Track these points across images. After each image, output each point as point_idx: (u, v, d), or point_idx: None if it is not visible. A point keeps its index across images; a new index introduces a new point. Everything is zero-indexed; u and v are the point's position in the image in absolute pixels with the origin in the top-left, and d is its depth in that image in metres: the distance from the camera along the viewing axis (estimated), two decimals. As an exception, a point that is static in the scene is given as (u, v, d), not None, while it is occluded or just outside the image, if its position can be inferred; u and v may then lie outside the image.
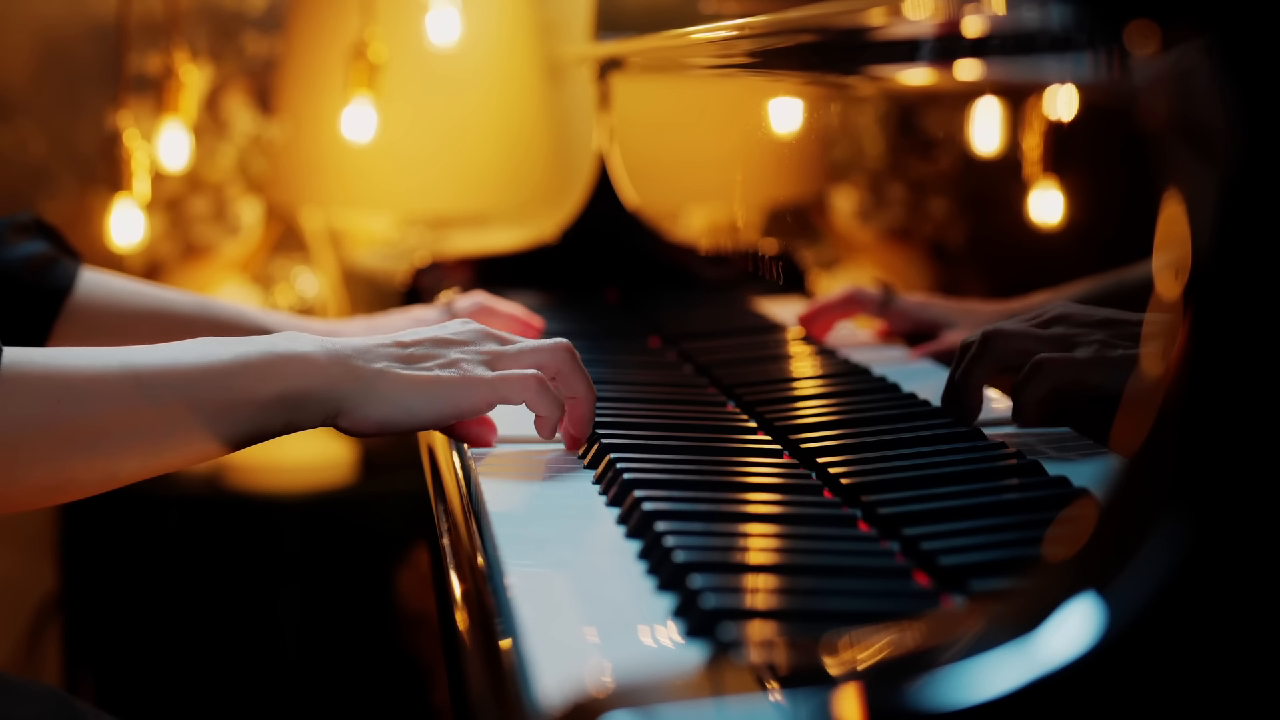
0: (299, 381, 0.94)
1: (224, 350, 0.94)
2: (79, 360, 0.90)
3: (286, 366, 0.94)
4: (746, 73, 1.35)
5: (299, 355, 0.94)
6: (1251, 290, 0.52)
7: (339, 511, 2.24)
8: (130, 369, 0.91)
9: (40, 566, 2.35)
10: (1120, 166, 0.93)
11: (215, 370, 0.92)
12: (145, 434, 0.91)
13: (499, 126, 2.23)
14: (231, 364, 0.93)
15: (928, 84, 1.13)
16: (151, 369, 0.91)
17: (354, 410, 0.95)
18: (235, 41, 2.41)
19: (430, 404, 0.96)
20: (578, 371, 1.01)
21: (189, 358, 0.92)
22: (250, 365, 0.93)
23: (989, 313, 1.14)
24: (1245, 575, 0.51)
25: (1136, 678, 0.50)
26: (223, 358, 0.93)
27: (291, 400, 0.94)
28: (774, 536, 0.85)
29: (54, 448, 0.88)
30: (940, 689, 0.51)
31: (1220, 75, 0.53)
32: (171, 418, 0.91)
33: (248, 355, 0.94)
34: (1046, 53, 0.79)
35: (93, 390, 0.89)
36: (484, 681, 0.68)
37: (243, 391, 0.93)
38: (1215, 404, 0.52)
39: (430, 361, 0.98)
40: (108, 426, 0.89)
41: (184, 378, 0.92)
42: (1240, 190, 0.53)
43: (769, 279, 1.52)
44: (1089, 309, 0.99)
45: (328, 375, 0.95)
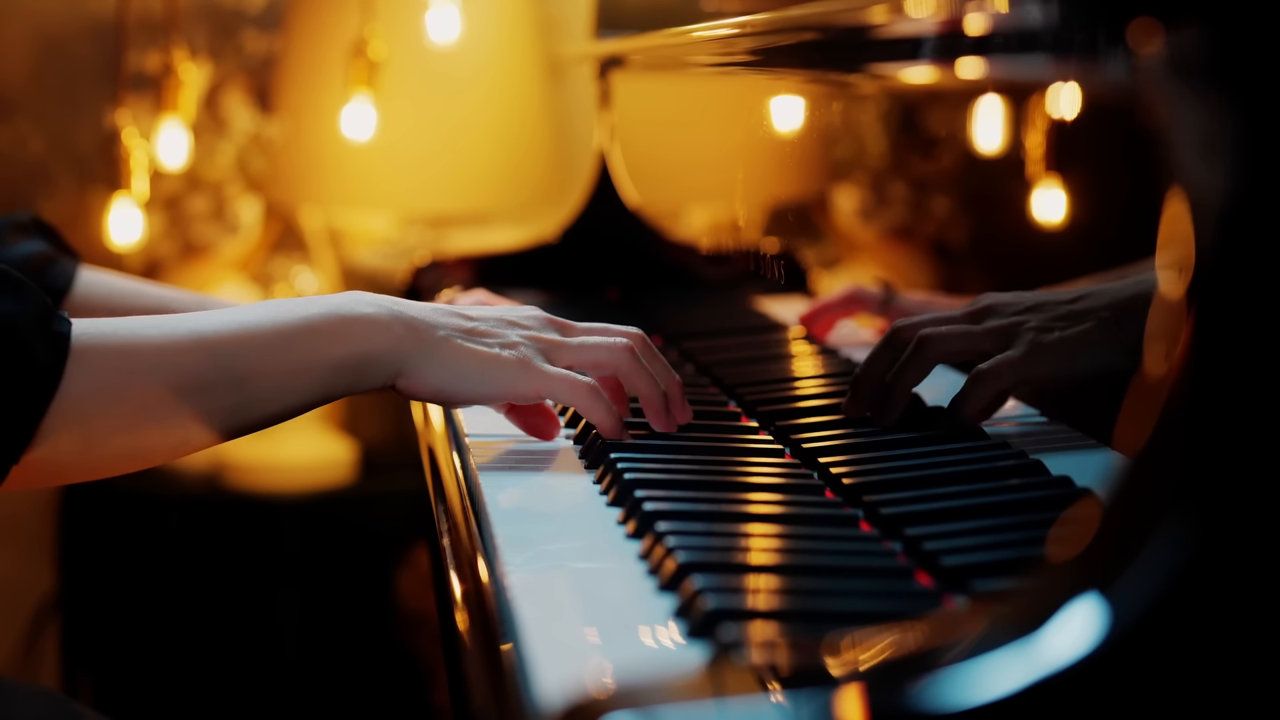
0: (365, 344, 0.95)
1: (289, 313, 0.94)
2: (147, 330, 0.91)
3: (353, 328, 0.94)
4: (748, 71, 1.35)
5: (364, 317, 0.95)
6: (1255, 289, 0.52)
7: (339, 511, 2.24)
8: (198, 336, 0.91)
9: (39, 567, 2.35)
10: (1123, 165, 0.93)
11: (282, 333, 0.93)
12: (216, 400, 0.91)
13: (499, 125, 2.23)
14: (299, 326, 0.93)
15: (930, 82, 1.13)
16: (219, 335, 0.92)
17: (414, 372, 0.96)
18: (234, 39, 2.41)
19: (485, 380, 0.97)
20: (640, 371, 1.01)
21: (255, 321, 0.93)
22: (316, 328, 0.94)
23: None
24: (1249, 576, 0.51)
25: (1140, 679, 0.50)
26: (289, 320, 0.93)
27: (357, 362, 0.95)
28: (776, 537, 0.84)
29: (127, 418, 0.89)
30: (943, 690, 0.51)
31: (1223, 73, 0.53)
32: (241, 382, 0.92)
33: (313, 317, 0.94)
34: (1049, 51, 0.79)
35: (162, 359, 0.90)
36: (484, 682, 0.68)
37: (311, 354, 0.93)
38: (1219, 403, 0.52)
39: (492, 339, 0.98)
40: (179, 394, 0.90)
41: (250, 342, 0.92)
42: (1243, 189, 0.52)
43: (770, 278, 1.52)
44: (1017, 295, 1.00)
45: (392, 336, 0.95)
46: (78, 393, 0.87)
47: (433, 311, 0.98)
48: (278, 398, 0.93)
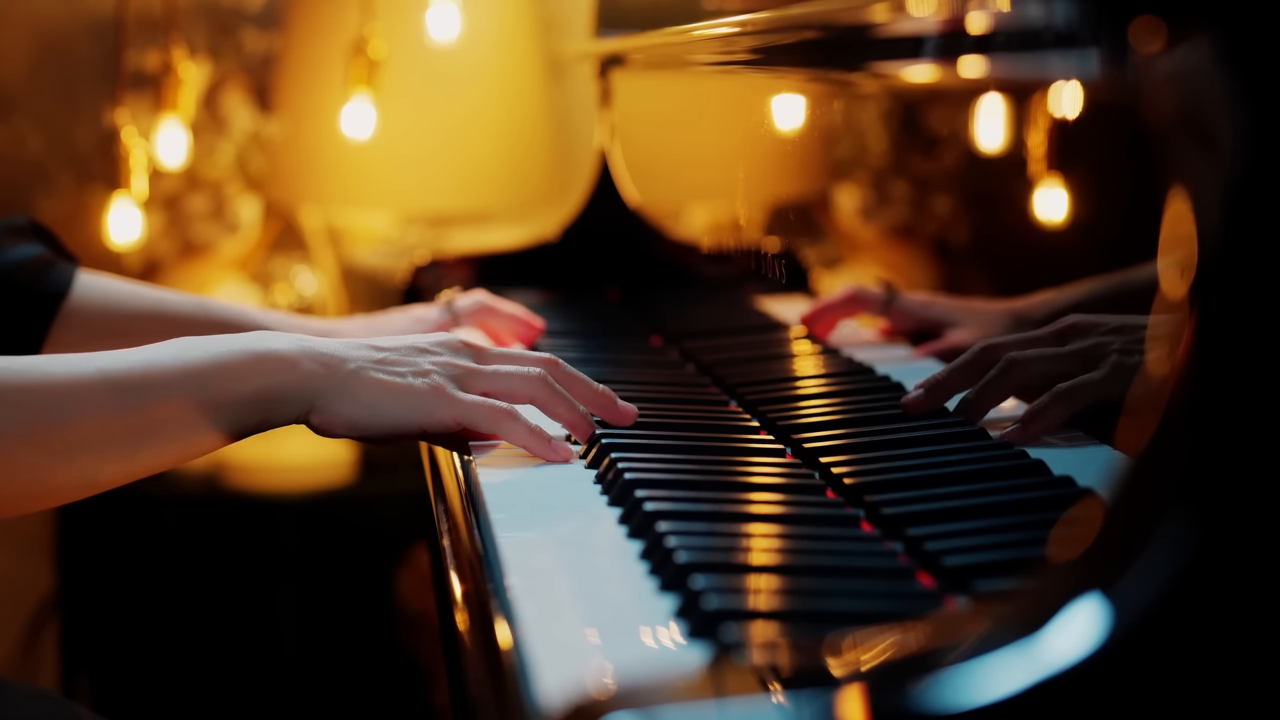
0: (274, 379, 0.95)
1: (199, 350, 0.94)
2: (53, 368, 0.90)
3: (262, 365, 0.94)
4: (749, 70, 1.35)
5: (274, 353, 0.95)
6: (1258, 289, 0.52)
7: (338, 511, 2.24)
8: (105, 374, 0.91)
9: (38, 567, 2.35)
10: (1125, 164, 0.93)
11: (190, 371, 0.93)
12: (122, 439, 0.91)
13: (499, 124, 2.23)
14: (207, 364, 0.93)
15: (931, 81, 1.12)
16: (126, 373, 0.91)
17: (326, 408, 0.96)
18: (234, 38, 2.41)
19: (399, 410, 0.97)
20: (554, 397, 1.01)
21: (164, 360, 0.93)
22: (225, 365, 0.94)
23: (993, 311, 1.14)
24: (1252, 576, 0.51)
25: (1142, 679, 0.50)
26: (198, 358, 0.93)
27: (267, 398, 0.95)
28: (777, 537, 0.84)
29: (32, 457, 0.88)
30: (944, 690, 0.50)
31: (1226, 71, 0.53)
32: (148, 421, 0.92)
33: (222, 355, 0.94)
34: (1051, 49, 0.79)
35: (68, 398, 0.89)
36: (484, 682, 0.68)
37: (219, 391, 0.93)
38: (1221, 404, 0.52)
39: (403, 368, 0.98)
40: (85, 434, 0.90)
41: (159, 381, 0.92)
42: (1246, 188, 0.52)
43: (771, 277, 1.51)
44: (1101, 317, 0.99)
45: (302, 371, 0.95)
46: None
47: (344, 346, 0.98)
48: (186, 435, 0.93)
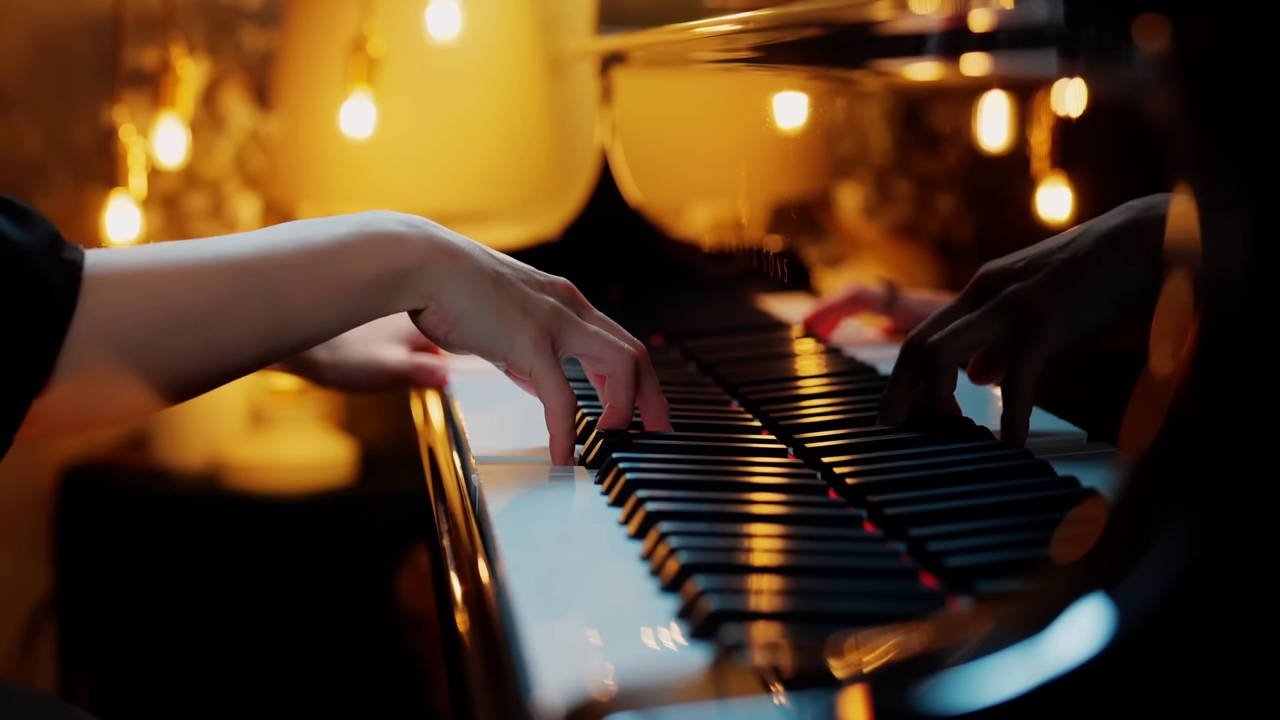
0: (398, 261, 0.93)
1: (319, 232, 0.93)
2: (173, 252, 0.89)
3: (383, 245, 0.93)
4: (751, 67, 1.35)
5: (394, 234, 0.94)
6: (1262, 288, 0.52)
7: (338, 512, 2.24)
8: (224, 258, 0.90)
9: (35, 568, 2.35)
10: (1129, 162, 0.93)
11: (314, 252, 0.92)
12: (248, 321, 0.90)
13: (500, 122, 2.22)
14: (329, 244, 0.92)
15: (934, 79, 1.12)
16: (248, 256, 0.90)
17: (442, 293, 0.94)
18: (232, 35, 2.41)
19: (496, 336, 0.96)
20: (628, 384, 0.99)
21: (284, 241, 0.92)
22: (347, 245, 0.92)
23: None
24: (1257, 577, 0.51)
25: (1146, 680, 0.50)
26: (319, 239, 0.92)
27: (391, 280, 0.93)
28: (779, 537, 0.84)
29: (158, 340, 0.88)
30: (947, 692, 0.50)
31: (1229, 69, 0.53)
32: (276, 303, 0.90)
33: (342, 236, 0.93)
34: (1054, 47, 0.79)
35: (191, 280, 0.89)
36: (485, 684, 0.68)
37: (344, 271, 0.92)
38: (1226, 403, 0.51)
39: (517, 294, 0.97)
40: (210, 315, 0.89)
41: (282, 262, 0.91)
42: (1250, 188, 0.52)
43: (773, 276, 1.51)
44: (1007, 259, 0.98)
45: (422, 253, 0.94)
46: (99, 317, 0.86)
47: (464, 240, 0.97)
48: (312, 319, 0.92)
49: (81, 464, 2.33)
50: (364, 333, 1.30)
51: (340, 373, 1.29)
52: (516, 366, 0.97)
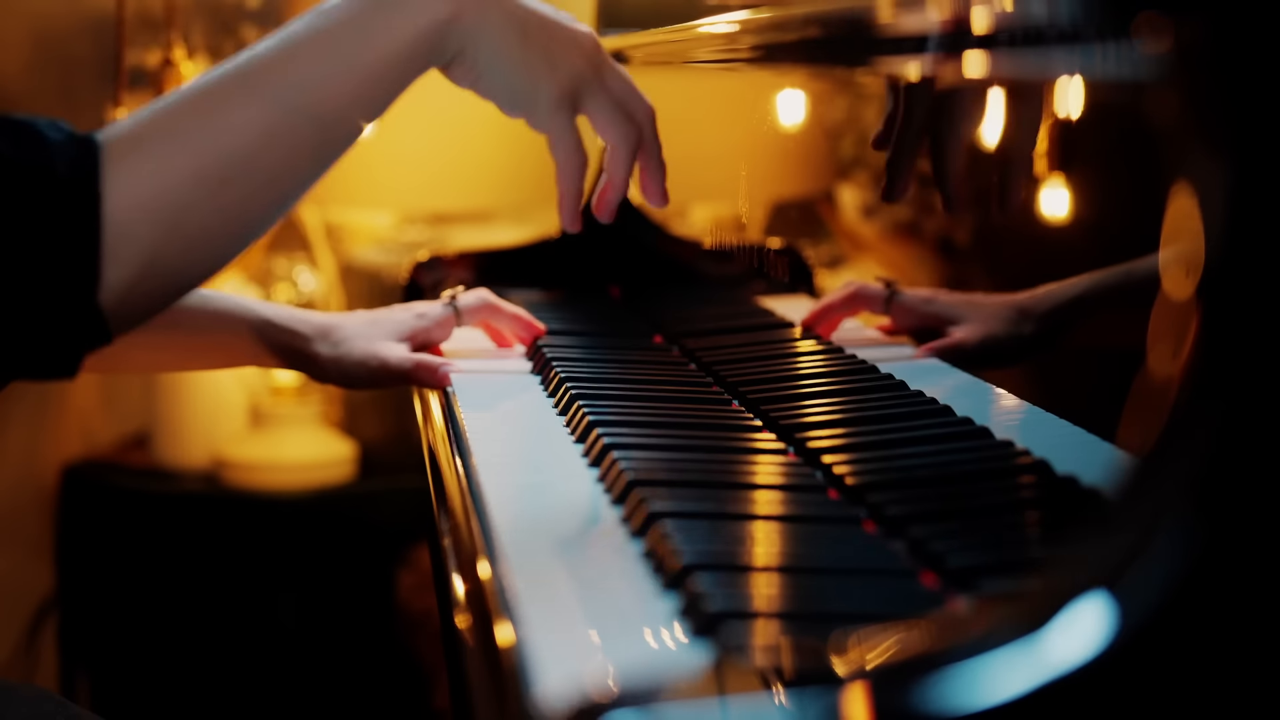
0: (425, 21, 0.93)
1: (335, 17, 0.91)
2: (192, 94, 0.87)
3: (406, 9, 0.92)
4: (751, 67, 1.34)
5: None
6: (1264, 287, 0.52)
7: (339, 510, 2.24)
8: (241, 68, 0.88)
9: (36, 567, 2.35)
10: (1129, 161, 0.93)
11: (345, 25, 0.90)
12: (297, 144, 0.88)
13: (500, 122, 2.21)
14: (356, 13, 0.90)
15: (935, 78, 1.12)
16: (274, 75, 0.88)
17: (469, 46, 0.95)
18: (234, 36, 2.41)
19: (518, 96, 0.97)
20: (625, 165, 1.02)
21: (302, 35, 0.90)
22: (369, 24, 0.91)
23: (995, 305, 1.13)
24: (1258, 575, 0.50)
25: (1148, 679, 0.50)
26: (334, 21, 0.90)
27: (422, 47, 0.93)
28: (779, 537, 0.84)
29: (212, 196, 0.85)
30: (948, 691, 0.50)
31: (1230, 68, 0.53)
32: (315, 117, 0.88)
33: (359, 8, 0.91)
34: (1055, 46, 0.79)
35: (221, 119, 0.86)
36: (486, 683, 0.68)
37: (375, 55, 0.90)
38: (1227, 401, 0.51)
39: (542, 50, 0.97)
40: (257, 152, 0.86)
41: (328, 37, 0.89)
42: (1251, 186, 0.52)
43: (774, 276, 1.51)
44: None
45: (448, 7, 0.94)
46: (132, 193, 0.82)
47: None
48: (368, 92, 0.91)
49: (82, 462, 2.33)
50: (366, 330, 1.30)
51: (341, 368, 1.28)
52: (536, 125, 0.98)
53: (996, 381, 1.10)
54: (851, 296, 1.32)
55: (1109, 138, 0.97)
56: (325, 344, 1.29)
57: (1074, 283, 1.02)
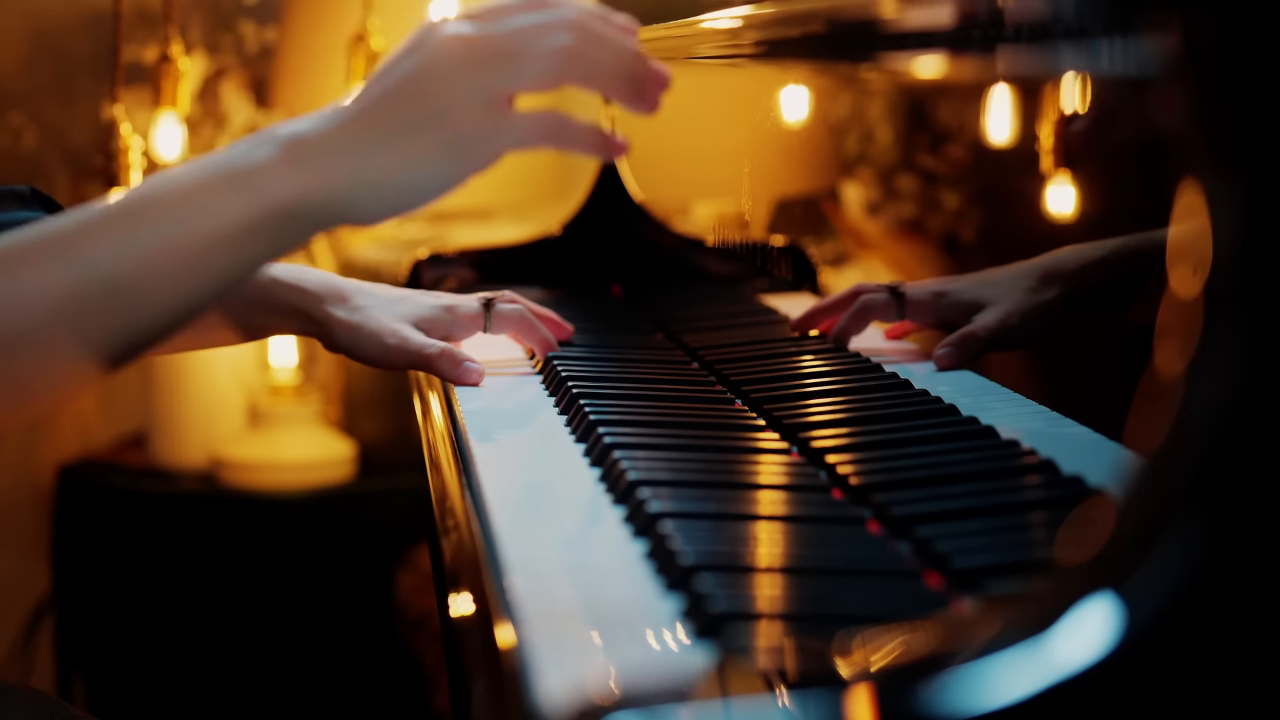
0: (268, 200, 0.82)
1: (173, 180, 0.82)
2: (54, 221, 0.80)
3: (251, 189, 0.82)
4: (755, 63, 1.34)
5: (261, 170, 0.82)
6: (1272, 285, 0.51)
7: (338, 511, 2.23)
8: (57, 236, 0.80)
9: (33, 568, 2.34)
10: (1137, 158, 0.92)
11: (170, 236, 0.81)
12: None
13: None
14: (189, 187, 0.81)
15: (940, 74, 1.12)
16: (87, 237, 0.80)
17: (351, 210, 0.83)
18: (232, 31, 2.40)
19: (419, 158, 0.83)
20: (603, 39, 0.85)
21: (141, 191, 0.82)
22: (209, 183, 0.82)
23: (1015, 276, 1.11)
24: (1266, 577, 0.50)
25: (1155, 682, 0.50)
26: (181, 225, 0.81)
27: (272, 222, 0.82)
28: (783, 537, 0.83)
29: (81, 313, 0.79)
30: (953, 693, 0.50)
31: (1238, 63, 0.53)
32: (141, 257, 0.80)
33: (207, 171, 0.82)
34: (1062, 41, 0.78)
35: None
36: (486, 685, 0.68)
37: (214, 214, 0.81)
38: (1235, 401, 0.51)
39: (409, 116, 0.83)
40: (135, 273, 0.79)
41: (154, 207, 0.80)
42: (1260, 184, 0.52)
43: (777, 274, 1.51)
44: None
45: (303, 183, 0.82)
46: None
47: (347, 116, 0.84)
48: (189, 290, 0.81)
49: (79, 462, 2.33)
50: (390, 304, 1.23)
51: (354, 336, 1.20)
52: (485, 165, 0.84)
53: (1002, 380, 1.10)
54: (859, 312, 1.28)
55: (1116, 135, 0.96)
56: (340, 307, 1.22)
57: (1103, 243, 1.00)
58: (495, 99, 0.83)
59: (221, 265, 0.81)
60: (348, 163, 0.82)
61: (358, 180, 0.82)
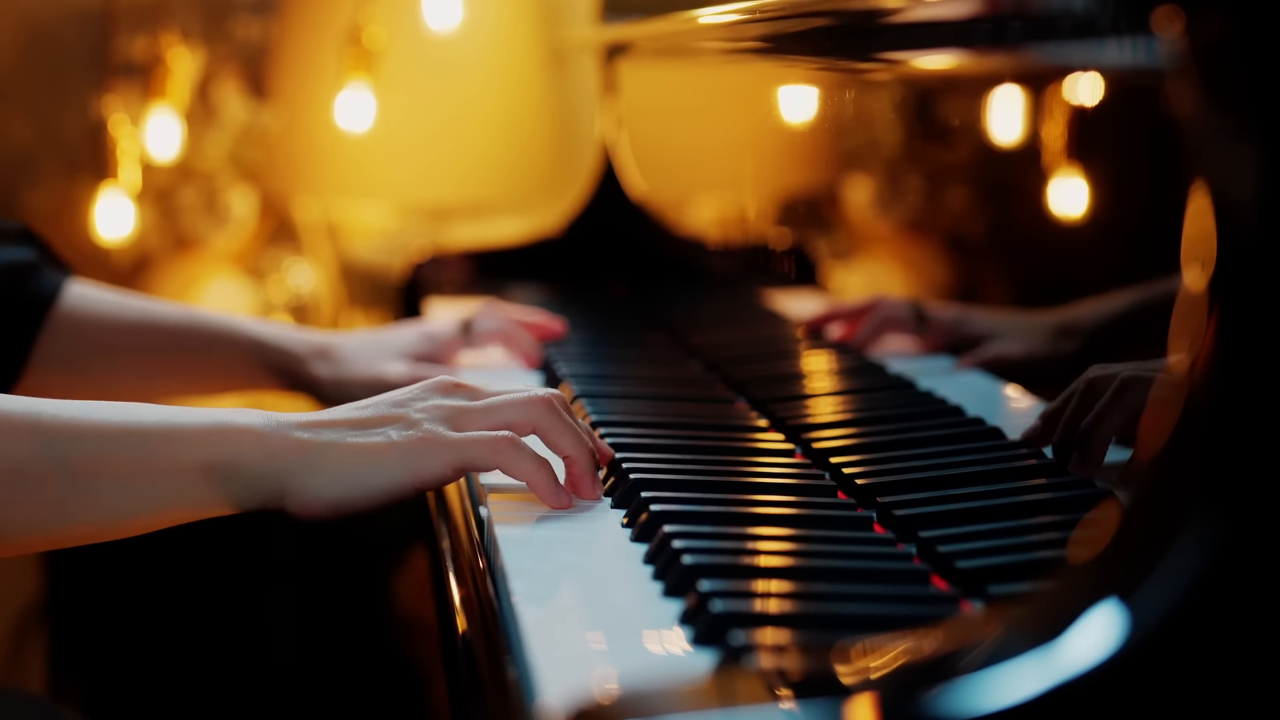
0: (231, 451, 0.86)
1: (151, 414, 0.86)
2: None
3: (221, 435, 0.86)
4: (758, 58, 1.34)
5: (237, 425, 0.86)
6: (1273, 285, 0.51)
7: (335, 511, 2.23)
8: (32, 417, 0.83)
9: (24, 571, 2.34)
10: (1144, 156, 0.92)
11: (134, 430, 0.85)
12: (38, 489, 0.83)
13: (500, 113, 2.22)
14: (156, 426, 0.85)
15: (945, 70, 1.12)
16: (58, 420, 0.84)
17: (300, 490, 0.88)
18: (227, 25, 2.39)
19: (386, 475, 0.88)
20: (561, 425, 0.90)
21: (106, 414, 0.85)
22: (178, 429, 0.85)
23: (1035, 323, 1.11)
24: (1275, 580, 0.50)
25: (1161, 686, 0.49)
26: (146, 420, 0.85)
27: (220, 472, 0.86)
28: (786, 539, 0.83)
29: None
30: (958, 697, 0.50)
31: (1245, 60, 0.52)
32: (73, 475, 0.83)
33: (178, 421, 0.86)
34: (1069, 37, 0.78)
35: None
36: (485, 689, 0.68)
37: (164, 454, 0.85)
38: (1243, 403, 0.51)
39: (387, 426, 0.88)
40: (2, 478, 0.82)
41: (94, 433, 0.84)
42: (1268, 182, 0.51)
43: (780, 272, 1.51)
44: None
45: (266, 446, 0.86)
46: None
47: (320, 417, 0.89)
48: (119, 499, 0.85)
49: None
50: (367, 348, 1.28)
51: (343, 390, 1.25)
52: (438, 478, 0.89)
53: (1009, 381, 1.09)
54: (881, 325, 1.27)
55: (1125, 132, 0.96)
56: (323, 364, 1.27)
57: (1118, 298, 1.00)
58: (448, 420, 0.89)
59: (167, 491, 0.86)
60: (318, 441, 0.88)
61: (320, 461, 0.88)
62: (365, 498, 0.89)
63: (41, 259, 1.26)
